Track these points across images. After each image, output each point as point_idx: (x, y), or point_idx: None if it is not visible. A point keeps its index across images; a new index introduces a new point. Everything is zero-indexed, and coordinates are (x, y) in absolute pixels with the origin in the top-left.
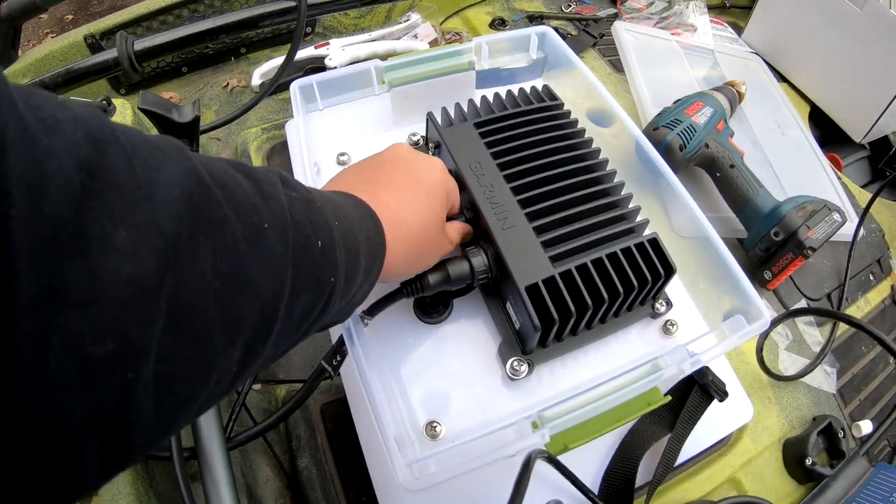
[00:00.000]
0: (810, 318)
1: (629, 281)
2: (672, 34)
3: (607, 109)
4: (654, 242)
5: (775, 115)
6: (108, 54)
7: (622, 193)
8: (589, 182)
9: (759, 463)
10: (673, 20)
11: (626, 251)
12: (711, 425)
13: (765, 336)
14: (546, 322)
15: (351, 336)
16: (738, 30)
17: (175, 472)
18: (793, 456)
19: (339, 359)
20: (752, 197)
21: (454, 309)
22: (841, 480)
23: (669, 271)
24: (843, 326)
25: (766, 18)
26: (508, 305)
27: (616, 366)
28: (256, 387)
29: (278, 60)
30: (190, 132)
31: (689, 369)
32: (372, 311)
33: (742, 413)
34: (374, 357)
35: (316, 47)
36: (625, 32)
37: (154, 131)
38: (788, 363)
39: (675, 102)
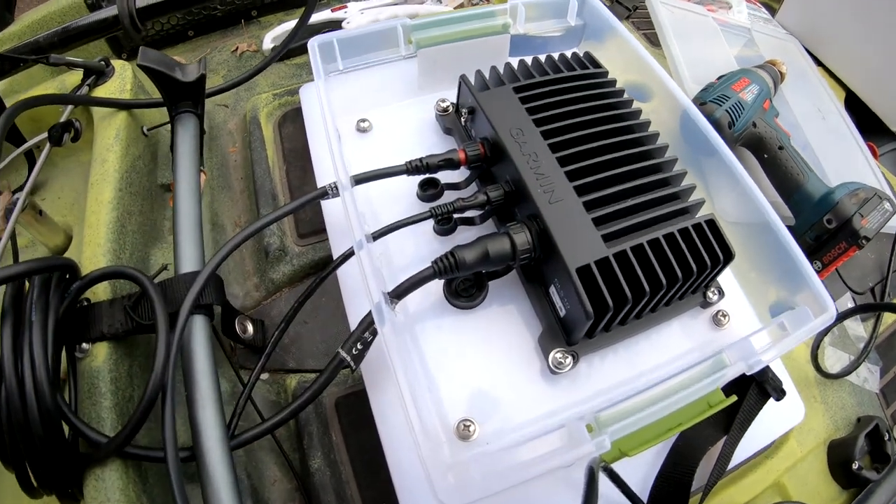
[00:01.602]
0: None
1: (687, 265)
2: (707, 10)
3: (649, 81)
4: (713, 224)
5: (814, 99)
6: (108, 11)
7: (675, 170)
8: (641, 155)
9: (804, 466)
10: None
11: (684, 232)
12: (762, 427)
13: (825, 332)
14: (599, 308)
15: (381, 317)
16: (772, 11)
17: (169, 475)
18: (838, 459)
19: (360, 347)
20: (803, 181)
21: (489, 293)
22: (886, 486)
23: (728, 256)
24: (885, 322)
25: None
26: (552, 290)
27: (666, 359)
28: (264, 376)
29: (291, 23)
30: (194, 93)
31: (756, 367)
32: (400, 292)
33: (793, 414)
34: (400, 346)
35: (333, 10)
36: (660, 5)
37: (156, 93)
38: (834, 359)
39: (719, 78)
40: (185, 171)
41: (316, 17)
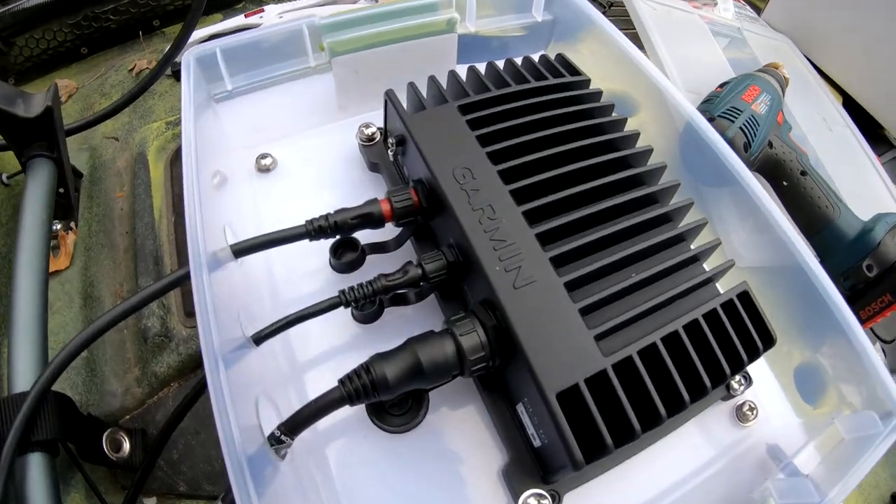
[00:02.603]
0: None
1: (718, 365)
2: (692, 7)
3: (640, 88)
4: (747, 298)
5: (817, 107)
6: None
7: (689, 221)
8: (642, 201)
9: None
10: None
11: (711, 317)
12: None
13: None
14: (591, 447)
15: (243, 487)
16: (757, 10)
17: None
18: None
19: None
20: (833, 217)
21: (431, 404)
22: None
23: (768, 342)
24: None
25: None
26: (521, 409)
27: (678, 477)
28: (149, 502)
29: (203, 32)
30: (44, 131)
31: None
32: (294, 426)
33: None
34: (296, 489)
35: (246, 16)
36: (641, 1)
37: None
38: None
39: (721, 86)
40: (29, 236)
41: (227, 24)
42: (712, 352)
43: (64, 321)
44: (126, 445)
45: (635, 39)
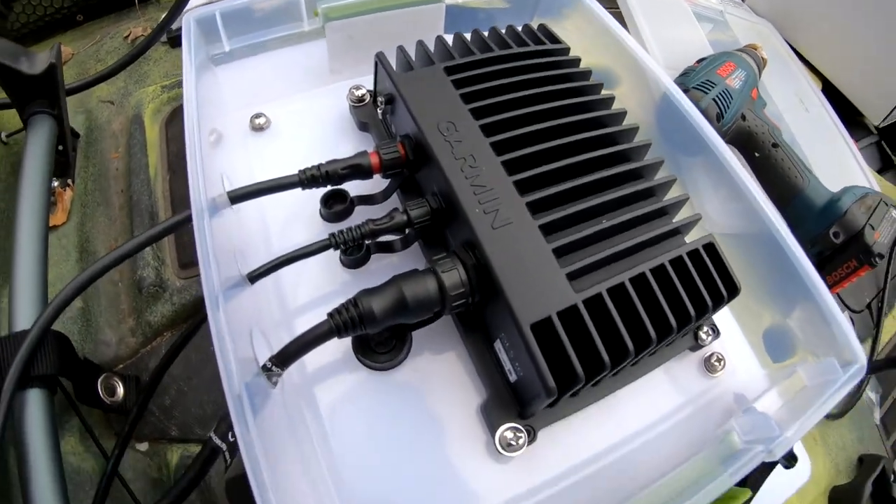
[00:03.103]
0: None
1: (683, 307)
2: None
3: (617, 64)
4: (712, 249)
5: (795, 88)
6: None
7: (660, 177)
8: (616, 157)
9: None
10: None
11: (677, 263)
12: (766, 494)
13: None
14: (563, 379)
15: (242, 417)
16: None
17: None
18: None
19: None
20: (802, 186)
21: (413, 346)
22: None
23: (733, 290)
24: (883, 339)
25: None
26: (498, 345)
27: (647, 422)
28: (142, 447)
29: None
30: (47, 88)
31: (779, 451)
32: (285, 358)
33: (800, 472)
34: (289, 422)
35: None
36: None
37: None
38: None
39: (699, 62)
40: (29, 190)
41: None
42: (678, 295)
43: (61, 273)
44: (120, 390)
45: (619, 19)
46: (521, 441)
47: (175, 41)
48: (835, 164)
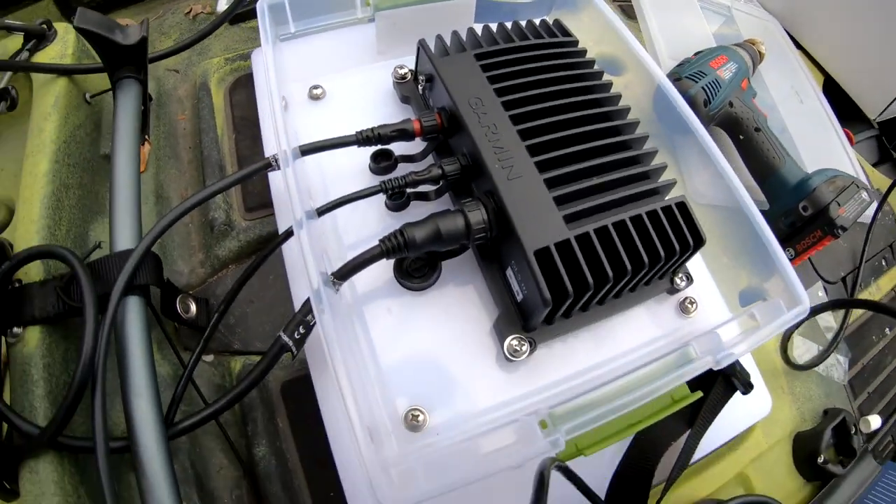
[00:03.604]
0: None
1: (655, 250)
2: None
3: (622, 54)
4: (683, 207)
5: (792, 82)
6: None
7: (646, 147)
8: (609, 131)
9: (770, 458)
10: None
11: (652, 215)
12: (728, 420)
13: (797, 325)
14: (557, 295)
15: (320, 302)
16: None
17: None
18: (804, 452)
19: (302, 331)
20: (779, 166)
21: (442, 273)
22: (850, 480)
23: (699, 241)
24: (855, 312)
25: None
26: (509, 272)
27: (628, 347)
28: (208, 358)
29: None
30: (136, 57)
31: (724, 362)
32: (344, 273)
33: (760, 407)
34: (344, 329)
35: None
36: None
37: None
38: (802, 349)
39: (696, 54)
40: (124, 141)
41: None
42: (651, 238)
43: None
44: (193, 308)
45: (631, 10)
46: (524, 349)
47: (234, 19)
48: (823, 151)
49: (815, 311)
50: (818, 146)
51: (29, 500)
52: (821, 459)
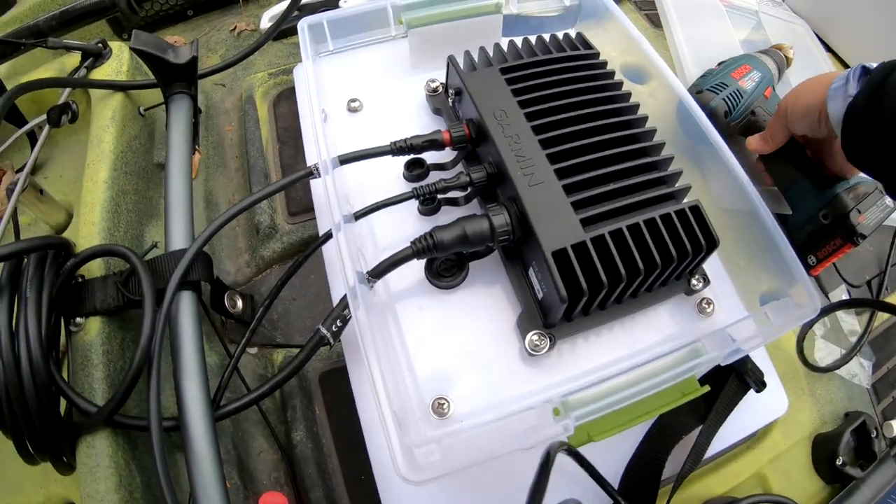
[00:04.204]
0: None
1: (668, 252)
2: None
3: (646, 64)
4: (697, 210)
5: None
6: None
7: (662, 154)
8: (626, 139)
9: (788, 459)
10: None
11: (666, 218)
12: (743, 418)
13: (810, 324)
14: (573, 293)
15: (355, 298)
16: None
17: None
18: (823, 454)
19: (339, 324)
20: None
21: (469, 273)
22: (870, 484)
23: (712, 244)
24: (881, 316)
25: None
26: (531, 272)
27: (645, 345)
28: (252, 351)
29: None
30: (187, 74)
31: (731, 357)
32: (378, 272)
33: (776, 406)
34: (378, 324)
35: None
36: None
37: (151, 75)
38: (825, 352)
39: (719, 64)
40: (177, 150)
41: None
42: (664, 240)
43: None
44: (240, 303)
45: (657, 18)
46: (544, 344)
47: (277, 35)
48: None
49: (827, 309)
50: None
51: (84, 472)
52: (839, 462)
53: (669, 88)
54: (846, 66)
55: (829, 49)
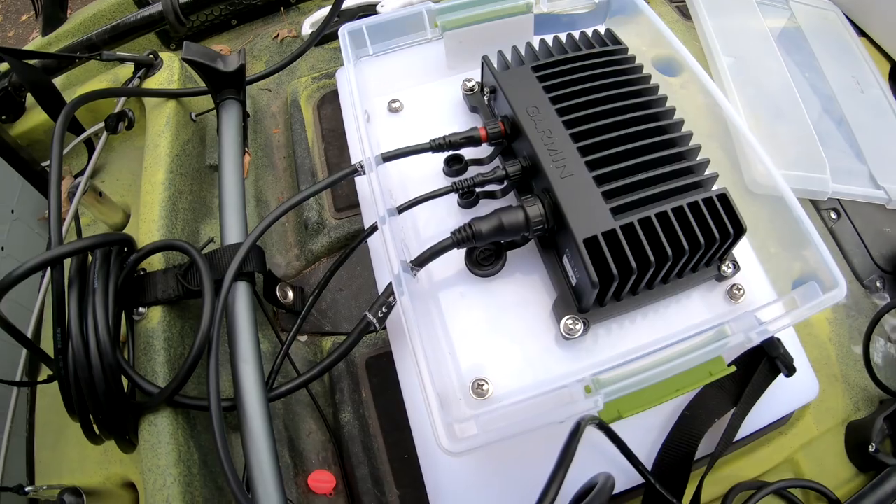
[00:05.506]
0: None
1: (695, 238)
2: None
3: (676, 57)
4: (724, 198)
5: (853, 71)
6: (154, 8)
7: (690, 144)
8: (654, 131)
9: (820, 445)
10: None
11: (693, 206)
12: (773, 401)
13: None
14: (604, 278)
15: (400, 285)
16: None
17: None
18: (855, 440)
19: (384, 311)
20: None
21: (507, 262)
22: None
23: (739, 231)
24: None
25: None
26: (565, 259)
27: (677, 330)
28: (302, 338)
29: (329, 9)
30: (236, 81)
31: (756, 339)
32: (421, 261)
33: (807, 390)
34: (422, 310)
35: None
36: None
37: (202, 82)
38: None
39: None
40: (230, 153)
41: (351, 2)
42: (691, 227)
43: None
44: (290, 294)
45: (687, 10)
46: (578, 328)
47: (319, 41)
48: (885, 141)
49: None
50: (880, 135)
51: (146, 449)
52: (872, 448)
53: (696, 80)
54: (881, 50)
55: (861, 33)
